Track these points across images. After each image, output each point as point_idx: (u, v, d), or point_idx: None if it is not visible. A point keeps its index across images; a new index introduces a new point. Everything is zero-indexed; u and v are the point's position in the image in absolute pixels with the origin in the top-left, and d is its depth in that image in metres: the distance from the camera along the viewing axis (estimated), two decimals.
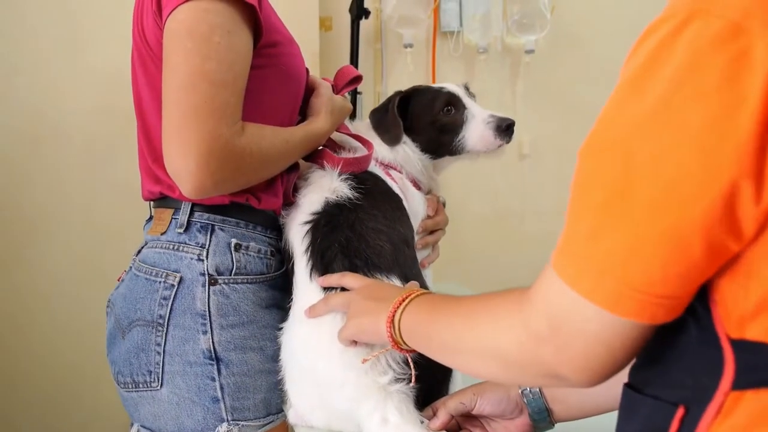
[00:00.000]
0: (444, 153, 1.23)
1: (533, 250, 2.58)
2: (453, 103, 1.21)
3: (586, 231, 0.54)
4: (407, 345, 0.84)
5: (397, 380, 0.92)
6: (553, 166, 2.60)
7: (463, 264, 2.45)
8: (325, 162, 1.10)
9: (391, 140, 1.20)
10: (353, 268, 0.98)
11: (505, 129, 1.19)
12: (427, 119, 1.21)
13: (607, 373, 0.58)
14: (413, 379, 0.91)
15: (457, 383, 1.02)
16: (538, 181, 2.59)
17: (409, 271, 1.03)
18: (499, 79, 2.48)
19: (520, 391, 0.93)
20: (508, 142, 1.21)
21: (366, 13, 2.13)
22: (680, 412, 0.55)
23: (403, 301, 0.84)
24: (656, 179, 0.51)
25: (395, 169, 1.21)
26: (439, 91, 1.22)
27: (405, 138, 1.21)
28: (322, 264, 1.00)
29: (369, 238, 1.01)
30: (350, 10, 2.13)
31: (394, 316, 0.84)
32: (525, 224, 2.60)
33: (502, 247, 2.59)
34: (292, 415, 1.03)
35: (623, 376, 0.88)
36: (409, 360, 0.90)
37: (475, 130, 1.19)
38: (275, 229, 1.10)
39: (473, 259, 2.52)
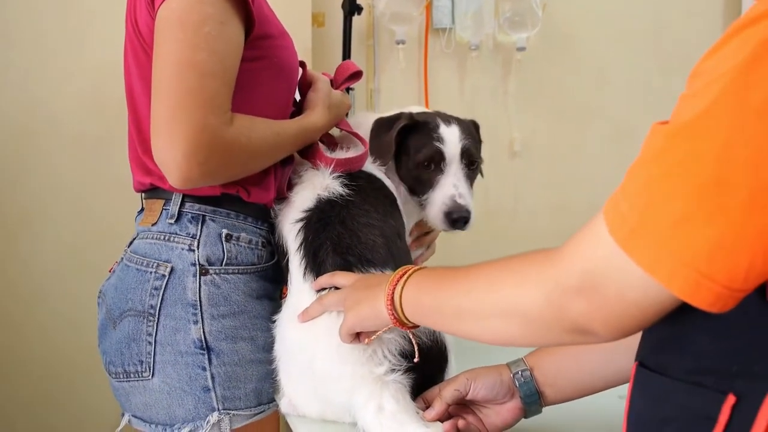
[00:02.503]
0: (416, 196, 1.19)
1: (525, 248, 2.60)
2: (435, 161, 1.15)
3: (673, 216, 0.52)
4: (411, 321, 0.83)
5: (393, 371, 0.92)
6: (544, 164, 2.61)
7: (454, 262, 2.45)
8: (318, 161, 1.10)
9: (378, 160, 1.16)
10: (346, 266, 0.98)
11: (454, 219, 1.15)
12: (410, 162, 1.17)
13: (634, 332, 0.60)
14: (417, 355, 0.90)
15: (451, 374, 1.01)
16: (530, 178, 2.60)
17: (403, 263, 1.01)
18: (490, 77, 2.49)
19: (511, 375, 0.93)
20: (460, 229, 1.17)
21: (358, 10, 2.13)
22: (730, 400, 0.55)
23: (402, 277, 0.84)
24: (755, 179, 0.49)
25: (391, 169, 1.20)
26: (430, 141, 1.16)
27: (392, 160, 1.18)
28: (314, 263, 1.00)
29: (361, 233, 1.01)
30: (342, 7, 2.14)
31: (393, 293, 0.83)
32: (517, 222, 2.61)
33: (493, 245, 2.58)
34: (285, 404, 1.03)
35: (611, 356, 0.90)
36: (411, 336, 0.90)
37: (434, 203, 1.16)
38: (266, 220, 1.10)
39: (465, 257, 2.51)
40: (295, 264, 1.02)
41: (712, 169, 0.51)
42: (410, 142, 1.17)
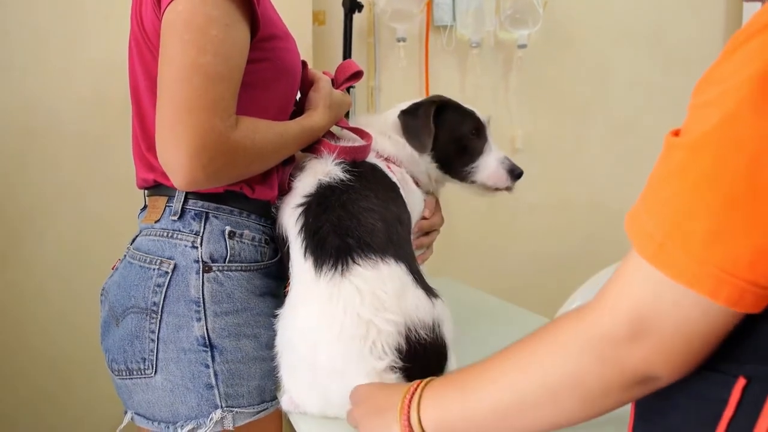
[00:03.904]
0: (452, 172, 1.26)
1: (525, 244, 2.62)
2: (480, 130, 1.25)
3: (704, 231, 0.52)
4: None
5: (392, 369, 0.92)
6: (545, 161, 2.61)
7: (456, 258, 2.46)
8: (322, 148, 1.10)
9: (420, 147, 1.21)
10: (345, 247, 0.97)
11: (516, 175, 1.26)
12: (453, 135, 1.23)
13: (697, 364, 0.57)
14: None
15: (451, 369, 1.01)
16: (531, 175, 2.59)
17: (402, 249, 1.02)
18: (491, 74, 2.49)
19: None
20: (515, 181, 1.27)
21: (359, 7, 2.14)
22: (741, 382, 0.55)
23: (412, 397, 0.76)
24: None
25: (395, 163, 1.20)
26: (471, 114, 1.25)
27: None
28: (314, 244, 0.99)
29: (361, 217, 1.01)
30: (343, 4, 2.14)
31: (409, 420, 0.74)
32: (517, 218, 2.61)
33: (494, 241, 2.61)
34: (286, 401, 1.03)
35: None
36: None
37: (490, 165, 1.24)
38: (269, 217, 1.10)
39: (466, 253, 2.53)
40: (296, 248, 1.01)
41: (744, 178, 0.51)
42: (446, 121, 1.24)
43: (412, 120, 1.22)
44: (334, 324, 0.93)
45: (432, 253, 1.31)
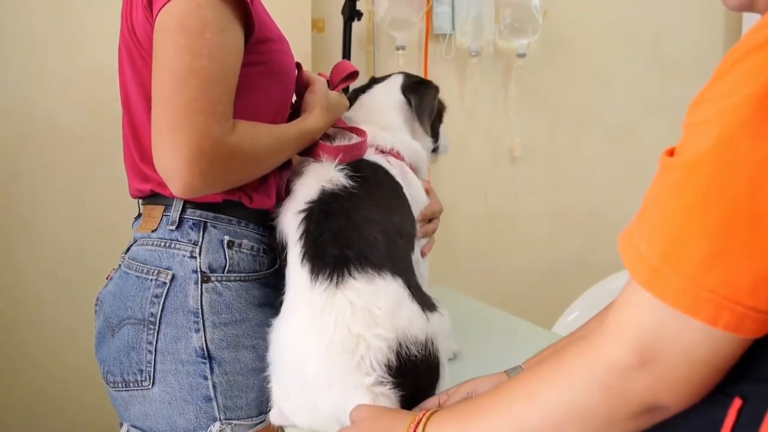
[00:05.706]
0: (434, 149, 1.33)
1: (524, 252, 2.62)
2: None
3: (701, 255, 0.50)
4: None
5: (381, 383, 0.90)
6: (544, 169, 2.61)
7: (454, 265, 2.46)
8: (320, 152, 1.08)
9: (431, 130, 1.28)
10: (344, 259, 0.96)
11: None
12: (439, 110, 1.29)
13: (705, 393, 0.56)
14: None
15: (444, 385, 0.99)
16: (530, 183, 2.61)
17: (401, 263, 1.00)
18: (491, 83, 2.49)
19: (509, 378, 0.92)
20: None
21: (358, 15, 2.13)
22: (737, 403, 0.54)
23: (417, 427, 0.75)
24: None
25: (394, 156, 1.19)
26: (436, 85, 1.30)
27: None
28: (313, 252, 0.98)
29: (362, 228, 0.99)
30: (342, 12, 2.13)
31: None
32: (516, 226, 2.61)
33: (493, 249, 2.60)
34: (275, 414, 1.00)
35: None
36: None
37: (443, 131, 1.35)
38: (268, 226, 1.09)
39: (465, 261, 2.53)
40: (294, 254, 1.00)
41: (742, 201, 0.49)
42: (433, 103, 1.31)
43: (425, 102, 1.28)
44: (323, 336, 0.91)
45: (434, 243, 1.30)
